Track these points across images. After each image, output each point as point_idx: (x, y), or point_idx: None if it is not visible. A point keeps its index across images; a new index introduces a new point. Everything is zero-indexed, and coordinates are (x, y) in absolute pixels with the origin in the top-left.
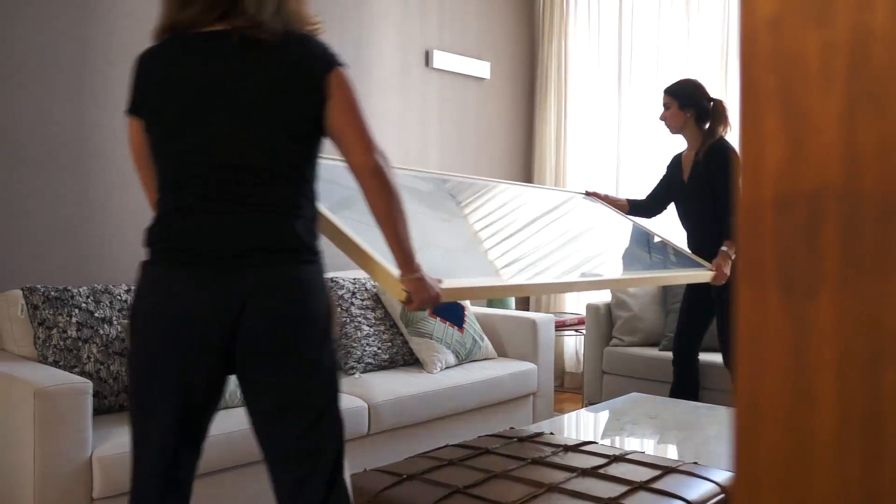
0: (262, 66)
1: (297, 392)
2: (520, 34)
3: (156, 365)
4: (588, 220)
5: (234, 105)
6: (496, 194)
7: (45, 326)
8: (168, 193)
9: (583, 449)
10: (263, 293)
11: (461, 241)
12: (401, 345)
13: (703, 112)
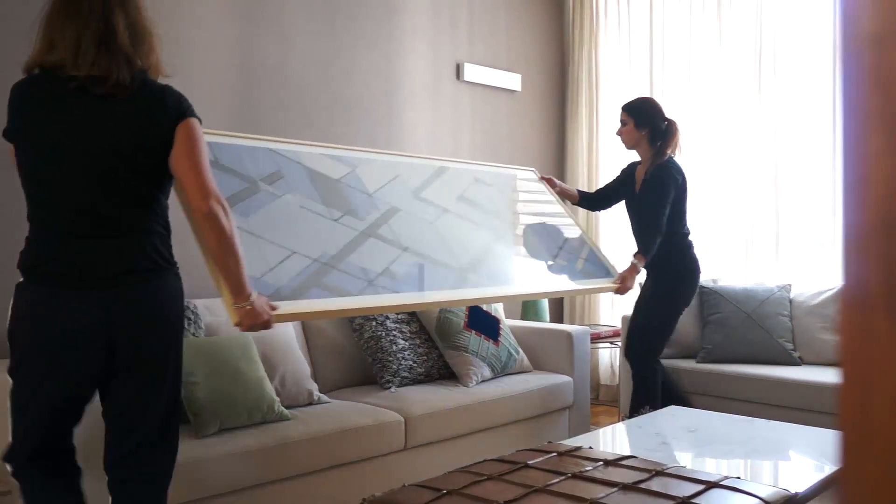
0: (118, 112)
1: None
2: (550, 45)
3: (39, 378)
4: (491, 217)
5: (91, 145)
6: (403, 178)
7: None
8: (39, 220)
9: (623, 463)
10: (131, 307)
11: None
12: (436, 358)
13: (658, 131)
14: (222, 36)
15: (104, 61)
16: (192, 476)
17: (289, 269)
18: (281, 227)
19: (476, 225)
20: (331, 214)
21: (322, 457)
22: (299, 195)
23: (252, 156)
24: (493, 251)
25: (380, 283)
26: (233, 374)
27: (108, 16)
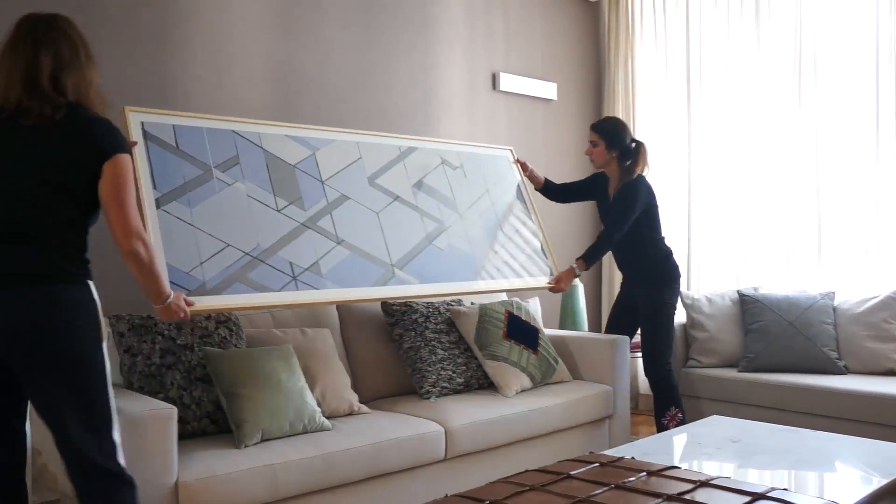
0: (46, 142)
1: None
2: (586, 53)
3: None
4: (443, 205)
5: (19, 171)
6: (365, 160)
7: (131, 353)
8: None
9: (666, 474)
10: (21, 308)
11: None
12: (475, 368)
13: (627, 151)
14: (261, 49)
15: (27, 97)
16: (234, 486)
17: (218, 263)
18: (222, 219)
19: (423, 216)
20: (276, 204)
21: (363, 467)
22: (250, 183)
23: (214, 138)
24: (432, 245)
25: (303, 279)
26: (274, 384)
27: (36, 55)
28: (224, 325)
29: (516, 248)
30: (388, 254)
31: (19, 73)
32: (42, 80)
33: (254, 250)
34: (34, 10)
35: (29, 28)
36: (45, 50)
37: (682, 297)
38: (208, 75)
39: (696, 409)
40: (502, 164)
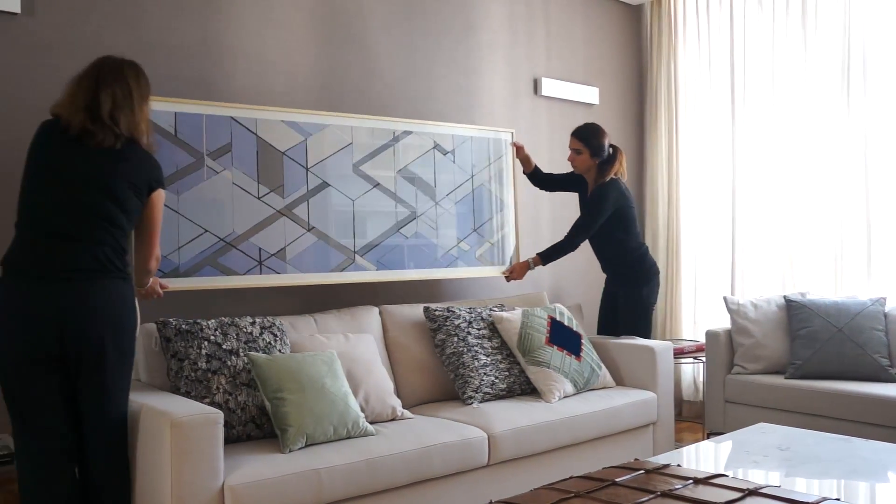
0: (106, 163)
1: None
2: (628, 57)
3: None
4: (421, 192)
5: (90, 181)
6: (355, 145)
7: (177, 358)
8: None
9: (714, 482)
10: (78, 299)
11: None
12: (518, 374)
13: (607, 158)
14: (304, 58)
15: (91, 123)
16: (279, 491)
17: (194, 248)
18: (204, 206)
19: (398, 203)
20: (258, 191)
21: (406, 473)
22: (237, 171)
23: (212, 125)
24: (399, 233)
25: (268, 264)
26: (318, 389)
27: (97, 93)
28: (268, 331)
29: (483, 237)
30: (353, 241)
31: (82, 103)
32: (102, 113)
33: (228, 236)
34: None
35: (96, 68)
36: (105, 89)
37: (727, 302)
38: (252, 85)
39: (740, 416)
40: (499, 146)
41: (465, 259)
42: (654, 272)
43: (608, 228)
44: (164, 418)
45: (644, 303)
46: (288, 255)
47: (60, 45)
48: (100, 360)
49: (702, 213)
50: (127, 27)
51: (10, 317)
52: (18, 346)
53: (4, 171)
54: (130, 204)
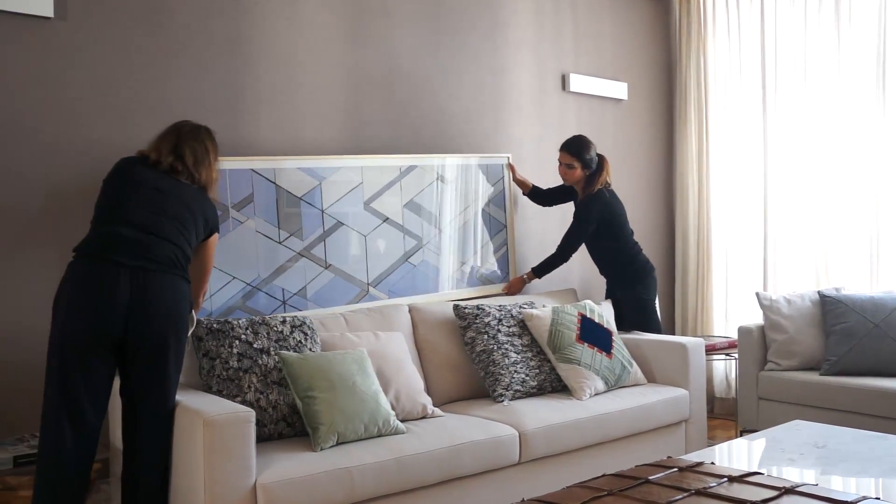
0: (193, 196)
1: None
2: (656, 52)
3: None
4: (426, 222)
5: (178, 202)
6: (366, 184)
7: (209, 357)
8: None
9: (749, 480)
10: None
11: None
12: (548, 371)
13: (596, 168)
14: (331, 56)
15: (177, 165)
16: (311, 489)
17: (224, 294)
18: (231, 254)
19: (406, 234)
20: (279, 236)
21: (437, 471)
22: (259, 219)
23: (235, 179)
24: (407, 262)
25: (291, 303)
26: (349, 388)
27: (180, 148)
28: (299, 329)
29: (482, 258)
30: (366, 273)
31: (168, 149)
32: (187, 161)
33: (254, 280)
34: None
35: (176, 129)
36: (186, 146)
37: (760, 298)
38: (279, 82)
39: (774, 413)
40: (496, 171)
41: (468, 280)
42: (646, 270)
43: (597, 237)
44: (198, 417)
45: (642, 301)
46: (308, 292)
47: (92, 49)
48: (162, 352)
49: (733, 208)
50: (155, 30)
51: (77, 299)
52: (85, 327)
53: (37, 173)
54: (199, 231)
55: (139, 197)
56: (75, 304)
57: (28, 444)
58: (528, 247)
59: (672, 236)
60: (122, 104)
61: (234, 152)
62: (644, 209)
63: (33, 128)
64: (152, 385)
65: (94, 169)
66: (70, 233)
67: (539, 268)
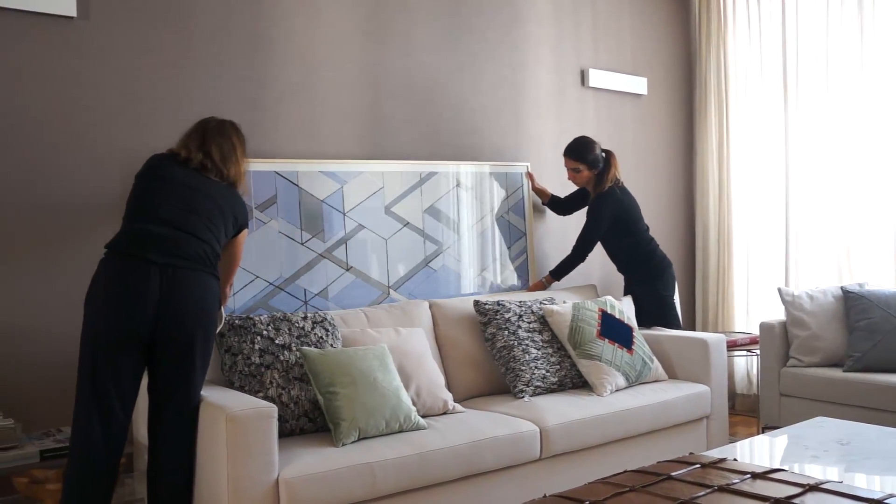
0: (224, 193)
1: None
2: (676, 46)
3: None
4: (446, 227)
5: (208, 199)
6: (386, 189)
7: (231, 353)
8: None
9: (772, 477)
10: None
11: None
12: (569, 367)
13: (603, 167)
14: (351, 54)
15: (206, 162)
16: (333, 484)
17: (247, 293)
18: (255, 253)
19: (426, 239)
20: (301, 238)
21: (459, 467)
22: (282, 220)
23: (259, 181)
24: (427, 266)
25: (312, 303)
26: (370, 383)
27: (207, 145)
28: (320, 325)
29: (502, 263)
30: (387, 276)
31: (196, 146)
32: (215, 158)
33: (277, 280)
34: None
35: (202, 126)
36: (212, 143)
37: (782, 294)
38: (299, 80)
39: (796, 410)
40: (514, 179)
41: (488, 286)
42: (664, 266)
43: (612, 235)
44: (220, 412)
45: (661, 297)
46: (330, 293)
47: (114, 48)
48: (189, 349)
49: (754, 203)
50: (176, 29)
51: (108, 296)
52: (116, 324)
53: (61, 171)
54: (228, 227)
55: (169, 194)
56: (106, 302)
57: (54, 438)
58: (547, 254)
59: (692, 232)
60: (144, 103)
61: (255, 151)
62: (664, 204)
63: (57, 126)
64: (179, 382)
65: (117, 167)
66: (98, 229)
67: (556, 270)
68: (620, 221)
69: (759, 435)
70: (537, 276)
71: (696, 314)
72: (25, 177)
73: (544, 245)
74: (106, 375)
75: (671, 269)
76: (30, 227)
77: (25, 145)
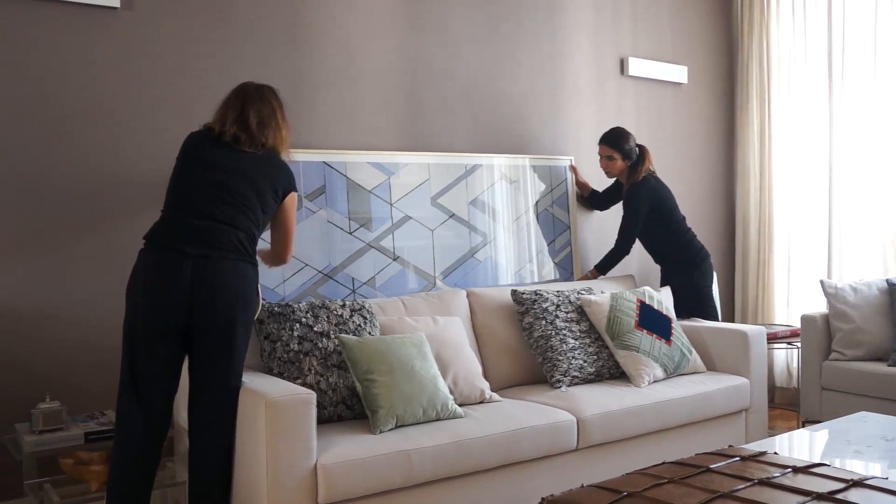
0: (252, 163)
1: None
2: (717, 34)
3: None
4: (492, 219)
5: (240, 177)
6: (431, 181)
7: (270, 340)
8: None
9: (814, 471)
10: (211, 274)
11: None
12: (606, 358)
13: (637, 158)
14: (391, 44)
15: (242, 132)
16: (371, 471)
17: (296, 280)
18: (305, 241)
19: (472, 231)
20: (349, 227)
21: (495, 456)
22: (331, 209)
23: (308, 171)
24: (473, 257)
25: (360, 292)
26: (408, 372)
27: (245, 111)
28: (358, 313)
29: (547, 256)
30: (433, 267)
31: (233, 117)
32: (251, 126)
33: (325, 268)
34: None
35: (241, 92)
36: (252, 108)
37: (825, 286)
38: (339, 69)
39: (837, 404)
40: (558, 173)
41: (532, 278)
42: (702, 256)
43: (650, 225)
44: (260, 398)
45: (700, 288)
46: (377, 282)
47: (157, 38)
48: (226, 333)
49: (796, 194)
50: (217, 19)
51: (146, 286)
52: (152, 315)
53: (106, 160)
54: (269, 203)
55: (203, 182)
56: (142, 293)
57: (97, 421)
58: (590, 247)
59: (732, 222)
60: (186, 92)
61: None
62: (703, 195)
63: (101, 117)
64: (216, 367)
65: (160, 155)
66: (144, 218)
67: (602, 264)
68: (656, 211)
69: (799, 429)
70: (582, 269)
71: (735, 306)
72: (74, 166)
73: (588, 238)
74: (144, 364)
75: (709, 260)
76: (78, 217)
77: (73, 136)
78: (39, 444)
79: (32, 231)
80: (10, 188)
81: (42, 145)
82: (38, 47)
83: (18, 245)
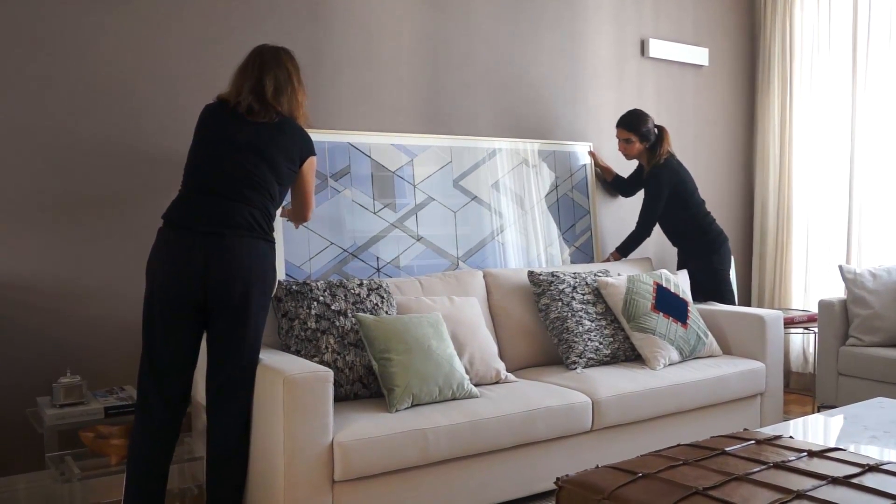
0: (267, 135)
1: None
2: (739, 15)
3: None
4: (513, 202)
5: (252, 150)
6: (454, 163)
7: (288, 318)
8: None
9: (830, 455)
10: (225, 252)
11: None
12: (622, 340)
13: (655, 140)
14: (410, 23)
15: (256, 103)
16: (386, 449)
17: (322, 258)
18: (330, 220)
19: (493, 213)
20: (374, 207)
21: (510, 435)
22: (356, 189)
23: (333, 151)
24: (495, 240)
25: (384, 271)
26: (424, 351)
27: (261, 78)
28: (375, 292)
29: (567, 240)
30: (456, 248)
31: (249, 86)
32: (267, 94)
33: (350, 247)
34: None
35: (257, 56)
36: (268, 74)
37: (843, 272)
38: (359, 49)
39: (854, 390)
40: (578, 158)
41: (553, 262)
42: (721, 240)
43: (669, 207)
44: (278, 375)
45: (717, 272)
46: (401, 262)
47: (178, 17)
48: (244, 311)
49: (816, 179)
50: None
51: (163, 264)
52: (168, 293)
53: (128, 138)
54: (284, 174)
55: (215, 158)
56: (159, 271)
57: (117, 395)
58: (610, 231)
59: (751, 206)
60: (208, 71)
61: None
62: (722, 178)
63: (124, 94)
64: (232, 344)
65: (182, 134)
66: (168, 195)
67: (623, 246)
68: (676, 194)
69: (815, 414)
70: (602, 252)
71: (752, 290)
72: (96, 143)
73: (607, 222)
74: (162, 341)
75: (727, 244)
76: (100, 194)
77: (96, 112)
78: (60, 418)
79: (55, 208)
80: (34, 165)
81: (64, 122)
82: (60, 24)
83: (41, 221)
